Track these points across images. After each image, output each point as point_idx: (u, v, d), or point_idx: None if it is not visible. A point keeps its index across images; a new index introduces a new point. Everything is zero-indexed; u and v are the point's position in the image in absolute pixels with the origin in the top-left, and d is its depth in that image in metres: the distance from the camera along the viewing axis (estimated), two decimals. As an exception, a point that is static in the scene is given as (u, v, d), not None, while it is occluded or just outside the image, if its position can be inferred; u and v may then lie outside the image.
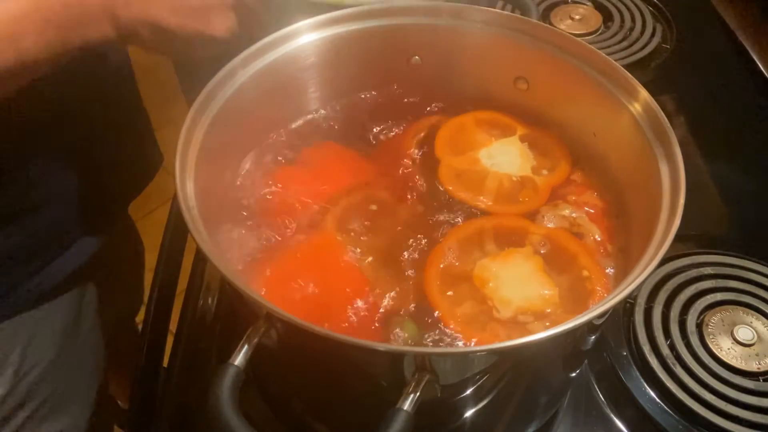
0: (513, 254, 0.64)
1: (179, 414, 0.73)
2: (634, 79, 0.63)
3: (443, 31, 0.73)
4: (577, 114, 0.71)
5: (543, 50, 0.69)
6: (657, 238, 0.53)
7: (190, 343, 0.78)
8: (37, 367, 0.79)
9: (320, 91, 0.76)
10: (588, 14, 1.14)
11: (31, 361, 0.79)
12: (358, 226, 0.67)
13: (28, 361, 0.78)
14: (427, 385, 0.47)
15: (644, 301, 0.77)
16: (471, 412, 0.57)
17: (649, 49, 1.08)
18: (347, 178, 0.71)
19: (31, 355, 0.78)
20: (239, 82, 0.65)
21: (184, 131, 0.59)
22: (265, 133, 0.74)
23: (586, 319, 0.48)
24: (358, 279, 0.62)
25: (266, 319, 0.49)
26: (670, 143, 0.58)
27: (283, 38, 0.69)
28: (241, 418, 0.45)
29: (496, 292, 0.61)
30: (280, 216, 0.67)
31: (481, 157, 0.73)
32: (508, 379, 0.56)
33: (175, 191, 0.54)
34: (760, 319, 0.74)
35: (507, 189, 0.71)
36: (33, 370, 0.79)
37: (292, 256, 0.64)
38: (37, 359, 0.79)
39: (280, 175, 0.71)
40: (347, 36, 0.72)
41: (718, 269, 0.80)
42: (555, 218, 0.68)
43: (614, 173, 0.68)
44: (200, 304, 0.81)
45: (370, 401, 0.57)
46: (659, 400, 0.70)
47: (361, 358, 0.52)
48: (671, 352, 0.72)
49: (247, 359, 0.48)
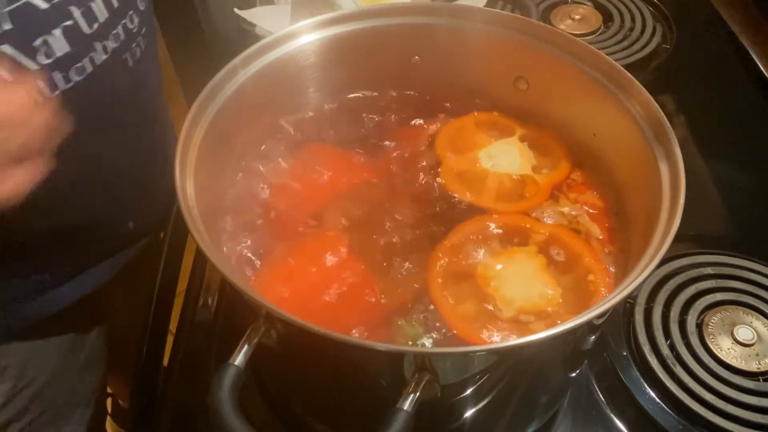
0: (516, 253, 0.64)
1: (179, 414, 0.73)
2: (634, 79, 0.63)
3: (443, 31, 0.73)
4: (577, 114, 0.71)
5: (543, 50, 0.69)
6: (657, 238, 0.53)
7: (190, 343, 0.78)
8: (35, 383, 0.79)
9: (320, 91, 0.76)
10: (588, 14, 1.14)
11: (29, 377, 0.78)
12: (358, 225, 0.67)
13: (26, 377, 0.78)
14: (427, 385, 0.47)
15: (644, 301, 0.77)
16: (471, 412, 0.57)
17: (649, 49, 1.08)
18: (348, 178, 0.71)
19: (29, 372, 0.78)
20: (239, 82, 0.65)
21: (184, 131, 0.59)
22: (265, 132, 0.74)
23: (586, 319, 0.48)
24: (358, 278, 0.62)
25: (266, 319, 0.49)
26: (670, 143, 0.58)
27: (283, 38, 0.69)
28: (241, 418, 0.45)
29: (498, 291, 0.61)
30: (280, 215, 0.67)
31: (482, 157, 0.73)
32: (508, 379, 0.56)
33: (175, 191, 0.54)
34: (760, 319, 0.74)
35: (508, 188, 0.71)
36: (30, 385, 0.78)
37: (293, 255, 0.64)
38: (35, 376, 0.79)
39: (280, 174, 0.71)
40: (347, 36, 0.72)
41: (718, 269, 0.80)
42: (555, 217, 0.68)
43: (614, 173, 0.68)
44: (200, 304, 0.81)
45: (370, 401, 0.57)
46: (659, 400, 0.70)
47: (361, 358, 0.52)
48: (671, 352, 0.72)
49: (247, 359, 0.48)
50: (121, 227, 0.81)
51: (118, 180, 0.76)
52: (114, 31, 0.66)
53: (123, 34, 0.68)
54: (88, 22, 0.63)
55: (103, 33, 0.65)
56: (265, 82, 0.68)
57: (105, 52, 0.65)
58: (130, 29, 0.69)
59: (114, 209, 0.78)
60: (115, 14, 0.66)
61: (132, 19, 0.69)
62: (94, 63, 0.65)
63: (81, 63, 0.63)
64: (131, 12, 0.69)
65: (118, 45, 0.67)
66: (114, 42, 0.66)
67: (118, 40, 0.67)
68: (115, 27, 0.66)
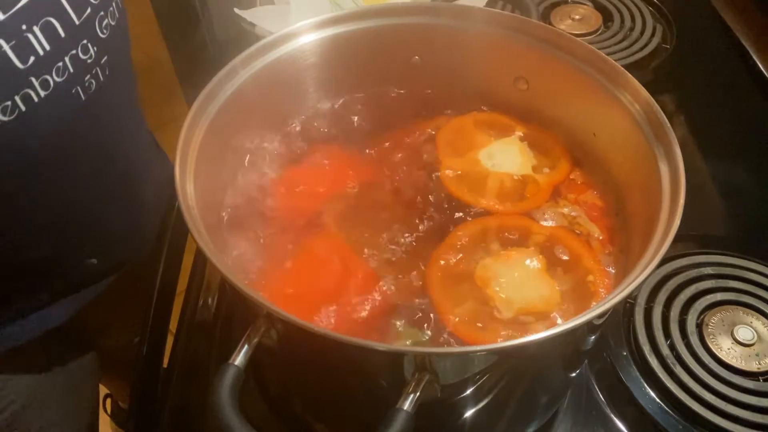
0: (516, 254, 0.64)
1: (179, 414, 0.73)
2: (634, 79, 0.63)
3: (443, 31, 0.73)
4: (577, 114, 0.71)
5: (543, 50, 0.69)
6: (657, 238, 0.53)
7: (190, 343, 0.78)
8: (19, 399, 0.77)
9: (320, 91, 0.76)
10: (588, 14, 1.14)
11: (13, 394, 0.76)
12: (358, 226, 0.67)
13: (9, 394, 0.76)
14: (427, 385, 0.47)
15: (644, 301, 0.77)
16: (471, 412, 0.57)
17: (649, 49, 1.08)
18: (347, 178, 0.71)
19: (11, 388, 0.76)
20: (239, 82, 0.65)
21: (184, 131, 0.59)
22: (265, 132, 0.74)
23: (586, 319, 0.48)
24: (358, 278, 0.62)
25: (266, 319, 0.49)
26: (670, 143, 0.58)
27: (283, 38, 0.69)
28: (241, 418, 0.45)
29: (498, 292, 0.61)
30: (280, 215, 0.67)
31: (481, 157, 0.73)
32: (508, 379, 0.56)
33: (176, 191, 0.54)
34: (760, 319, 0.74)
35: (509, 188, 0.71)
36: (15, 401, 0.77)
37: (292, 255, 0.64)
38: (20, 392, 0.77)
39: (280, 174, 0.71)
40: (347, 36, 0.72)
41: (718, 269, 0.80)
42: (555, 217, 0.68)
43: (614, 173, 0.68)
44: (200, 304, 0.82)
45: (370, 401, 0.58)
46: (659, 400, 0.70)
47: (361, 358, 0.52)
48: (671, 352, 0.72)
49: (247, 359, 0.48)
50: (83, 264, 0.77)
51: (72, 217, 0.72)
52: (58, 63, 0.59)
53: (72, 67, 0.61)
54: (21, 56, 0.56)
55: (42, 67, 0.58)
56: (265, 82, 0.68)
57: (45, 88, 0.58)
58: (83, 60, 0.62)
59: (71, 246, 0.74)
60: (60, 46, 0.59)
61: (86, 49, 0.62)
62: (30, 100, 0.58)
63: (9, 102, 0.56)
64: (85, 41, 0.62)
65: (63, 79, 0.60)
66: (58, 76, 0.60)
67: (65, 74, 0.60)
68: (61, 59, 0.59)
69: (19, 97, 0.57)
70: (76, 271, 0.77)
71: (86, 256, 0.77)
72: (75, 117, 0.64)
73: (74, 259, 0.76)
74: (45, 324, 0.77)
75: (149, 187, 0.83)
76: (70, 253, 0.74)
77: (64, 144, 0.64)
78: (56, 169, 0.65)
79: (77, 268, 0.77)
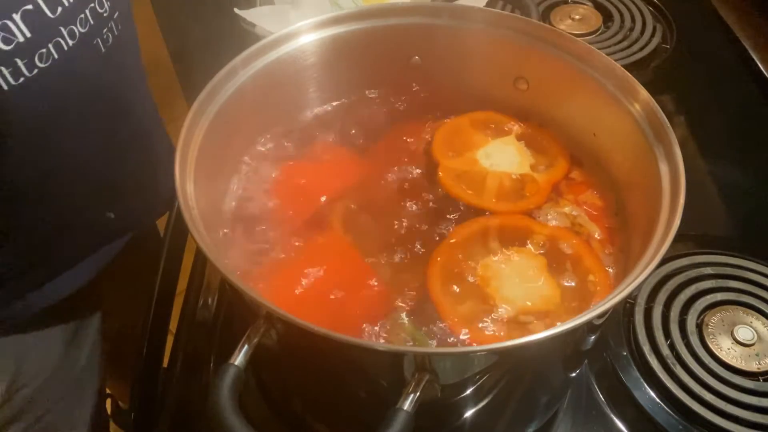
0: (516, 254, 0.64)
1: (179, 414, 0.73)
2: (634, 79, 0.63)
3: (443, 31, 0.73)
4: (577, 114, 0.71)
5: (543, 50, 0.69)
6: (657, 238, 0.53)
7: (190, 343, 0.78)
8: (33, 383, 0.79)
9: (320, 91, 0.76)
10: (588, 14, 1.14)
11: (26, 376, 0.78)
12: (358, 225, 0.67)
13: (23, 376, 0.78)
14: (427, 385, 0.47)
15: (644, 301, 0.77)
16: (471, 412, 0.57)
17: (649, 49, 1.08)
18: (347, 178, 0.71)
19: (26, 370, 0.78)
20: (239, 82, 0.65)
21: (184, 131, 0.59)
22: (265, 132, 0.74)
23: (586, 319, 0.48)
24: (358, 279, 0.62)
25: (266, 319, 0.49)
26: (670, 143, 0.58)
27: (283, 38, 0.69)
28: (241, 418, 0.45)
29: (498, 291, 0.61)
30: (280, 215, 0.67)
31: (479, 157, 0.73)
32: (508, 379, 0.56)
33: (176, 191, 0.54)
34: (760, 319, 0.74)
35: (508, 187, 0.71)
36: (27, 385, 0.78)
37: (292, 254, 0.64)
38: (33, 375, 0.79)
39: (280, 174, 0.71)
40: (347, 36, 0.72)
41: (718, 269, 0.80)
42: (555, 217, 0.68)
43: (614, 173, 0.68)
44: (200, 304, 0.81)
45: (370, 401, 0.57)
46: (659, 400, 0.70)
47: (361, 358, 0.52)
48: (671, 352, 0.72)
49: (247, 359, 0.48)
50: (100, 218, 0.81)
51: (92, 170, 0.76)
52: (81, 15, 0.65)
53: (92, 19, 0.66)
54: (51, 6, 0.61)
55: (68, 18, 0.63)
56: (265, 82, 0.68)
57: (72, 37, 0.64)
58: (99, 13, 0.68)
59: (90, 199, 0.78)
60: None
61: (101, 3, 0.68)
62: (61, 49, 0.63)
63: (45, 49, 0.62)
64: None
65: (86, 30, 0.66)
66: (82, 27, 0.65)
67: (87, 25, 0.66)
68: (82, 11, 0.65)
69: (51, 44, 0.62)
70: (98, 223, 0.81)
71: (105, 208, 0.81)
72: (97, 69, 0.70)
73: (95, 210, 0.80)
74: (74, 283, 0.80)
75: (159, 147, 0.88)
76: (90, 204, 0.78)
77: (86, 94, 0.70)
78: (82, 114, 0.71)
79: (98, 220, 0.81)
